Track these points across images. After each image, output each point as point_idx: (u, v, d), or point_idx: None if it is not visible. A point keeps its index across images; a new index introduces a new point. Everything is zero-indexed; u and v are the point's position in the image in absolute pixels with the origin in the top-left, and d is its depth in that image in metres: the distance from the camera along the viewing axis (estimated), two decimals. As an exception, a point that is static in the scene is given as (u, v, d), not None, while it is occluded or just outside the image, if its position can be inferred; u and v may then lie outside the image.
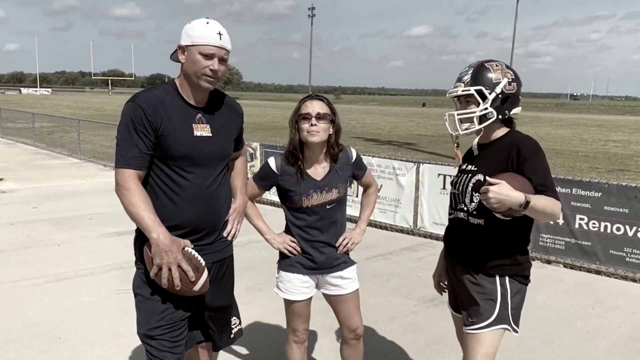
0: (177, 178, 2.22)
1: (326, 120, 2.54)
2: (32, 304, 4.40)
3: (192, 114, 2.25)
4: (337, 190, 2.62)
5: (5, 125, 19.00)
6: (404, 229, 7.11)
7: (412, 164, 7.06)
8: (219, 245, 2.40)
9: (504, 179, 2.04)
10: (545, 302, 4.74)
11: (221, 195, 2.37)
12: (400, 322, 4.29)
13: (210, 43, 2.15)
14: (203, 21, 2.19)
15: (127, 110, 2.16)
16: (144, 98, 2.17)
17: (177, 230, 2.22)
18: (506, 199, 1.98)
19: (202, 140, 2.24)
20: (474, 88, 2.24)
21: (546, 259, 5.94)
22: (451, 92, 2.33)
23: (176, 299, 2.25)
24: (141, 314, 2.29)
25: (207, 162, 2.27)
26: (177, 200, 2.22)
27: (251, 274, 5.21)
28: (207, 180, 2.28)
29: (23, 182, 9.66)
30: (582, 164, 15.20)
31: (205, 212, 2.29)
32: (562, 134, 28.07)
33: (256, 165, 8.85)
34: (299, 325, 2.75)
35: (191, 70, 2.18)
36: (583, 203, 5.60)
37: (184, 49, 2.19)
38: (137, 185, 2.14)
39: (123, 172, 2.14)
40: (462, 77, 2.30)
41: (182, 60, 2.20)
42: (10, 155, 13.88)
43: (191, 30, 2.16)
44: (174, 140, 2.17)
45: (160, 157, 2.19)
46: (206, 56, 2.15)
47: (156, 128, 2.15)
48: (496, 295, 2.28)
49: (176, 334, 2.28)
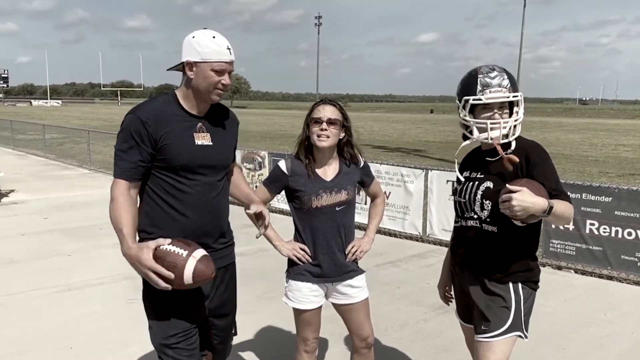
0: (180, 187, 2.23)
1: (337, 126, 2.56)
2: (43, 313, 4.43)
3: (193, 123, 2.26)
4: (347, 192, 2.63)
5: (16, 137, 19.17)
6: (413, 236, 7.09)
7: (421, 170, 7.04)
8: (223, 252, 2.42)
9: (523, 185, 2.00)
10: (556, 308, 4.70)
11: (223, 203, 2.39)
12: (411, 329, 4.27)
13: (222, 60, 2.17)
14: (209, 35, 2.19)
15: (127, 122, 2.17)
16: (144, 110, 2.19)
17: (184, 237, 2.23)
18: (530, 205, 1.95)
19: (203, 149, 2.26)
20: (519, 94, 2.24)
21: (557, 264, 5.90)
22: (496, 97, 2.20)
23: (185, 305, 2.25)
24: (154, 323, 2.30)
25: (209, 171, 2.29)
26: (181, 209, 2.23)
27: (261, 282, 5.21)
28: (209, 188, 2.30)
29: (34, 193, 9.74)
30: (592, 168, 15.09)
31: (208, 221, 2.30)
32: (572, 138, 27.90)
33: (264, 173, 8.86)
34: (309, 335, 2.74)
35: (203, 86, 2.19)
36: (593, 208, 5.57)
37: (192, 64, 2.18)
38: (125, 197, 2.14)
39: (115, 182, 2.17)
40: (500, 82, 2.21)
41: (190, 75, 2.20)
42: (21, 166, 14.00)
43: (199, 46, 2.16)
44: (175, 150, 2.19)
45: (162, 167, 2.21)
46: (218, 72, 2.17)
47: (156, 140, 2.16)
48: (510, 303, 2.26)
49: (191, 342, 2.29)
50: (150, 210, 2.25)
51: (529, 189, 1.98)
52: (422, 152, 19.40)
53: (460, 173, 2.45)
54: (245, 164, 9.31)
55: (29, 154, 17.16)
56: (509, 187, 2.00)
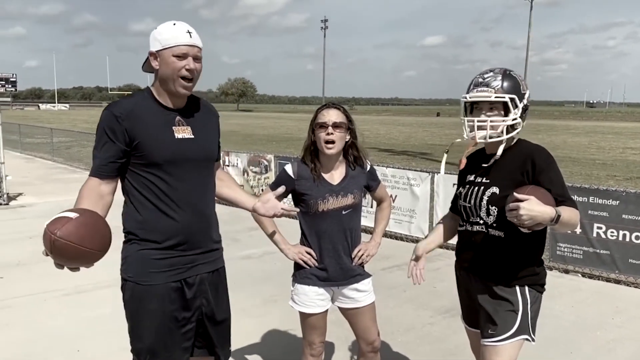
0: (164, 185, 2.17)
1: (342, 129, 2.57)
2: (51, 316, 4.45)
3: (171, 117, 2.21)
4: (353, 196, 2.63)
5: (24, 140, 19.30)
6: (419, 239, 7.04)
7: (427, 174, 7.04)
8: (212, 256, 2.35)
9: (530, 193, 1.99)
10: (563, 312, 4.68)
11: (210, 200, 2.33)
12: (417, 333, 4.27)
13: (181, 43, 2.12)
14: (169, 24, 2.17)
15: (101, 119, 2.15)
16: (119, 105, 2.16)
17: (169, 240, 2.18)
18: (538, 215, 1.93)
19: (184, 142, 2.20)
20: (509, 96, 2.20)
21: (564, 268, 5.87)
22: (478, 96, 2.24)
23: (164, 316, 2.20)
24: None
25: (192, 165, 2.23)
26: (165, 208, 2.17)
27: (267, 285, 5.22)
28: (194, 184, 2.23)
29: (42, 196, 9.80)
30: (600, 171, 15.01)
31: (195, 219, 2.24)
32: (579, 141, 27.78)
33: (271, 177, 8.88)
34: (315, 338, 2.74)
35: (167, 74, 2.14)
36: (601, 211, 5.54)
37: (155, 55, 2.15)
38: (90, 190, 2.12)
39: (87, 179, 2.16)
40: (489, 82, 2.23)
41: (155, 66, 2.17)
42: (29, 169, 14.10)
43: (159, 35, 2.14)
44: (154, 146, 2.14)
45: (144, 164, 2.15)
46: (179, 57, 2.12)
47: (131, 134, 2.11)
48: (517, 306, 2.26)
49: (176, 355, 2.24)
50: (136, 211, 2.18)
51: (536, 197, 1.97)
52: (428, 156, 19.37)
53: (465, 175, 2.45)
54: (251, 167, 9.33)
55: (36, 157, 17.29)
56: (516, 196, 1.97)
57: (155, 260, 2.18)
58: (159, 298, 2.19)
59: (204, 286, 2.31)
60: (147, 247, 2.17)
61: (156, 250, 2.18)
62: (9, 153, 11.72)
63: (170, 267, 2.20)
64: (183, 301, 2.25)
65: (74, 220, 1.86)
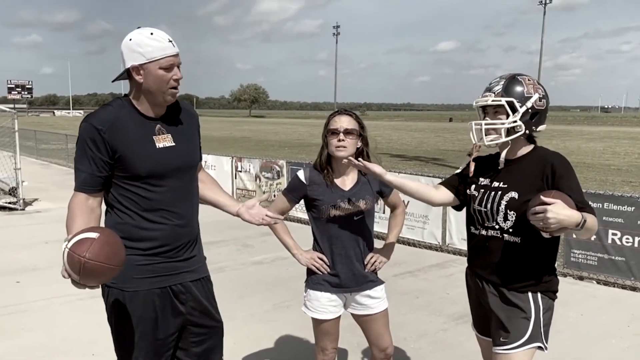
0: (148, 194, 2.14)
1: (354, 135, 2.58)
2: (65, 320, 4.50)
3: (151, 125, 2.16)
4: (365, 202, 2.63)
5: (40, 146, 19.53)
6: (432, 245, 7.05)
7: (439, 179, 7.00)
8: (195, 263, 2.31)
9: (555, 197, 1.97)
10: (578, 319, 4.63)
11: (194, 208, 2.30)
12: (430, 339, 4.25)
13: (167, 54, 2.07)
14: (145, 34, 2.07)
15: (81, 132, 2.09)
16: (98, 117, 2.10)
17: (153, 248, 2.16)
18: (565, 219, 1.92)
19: (165, 151, 2.16)
20: (505, 99, 2.21)
21: (578, 275, 5.81)
22: (479, 101, 2.30)
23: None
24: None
25: (175, 173, 2.19)
26: (151, 216, 2.15)
27: (278, 290, 5.22)
28: (177, 192, 2.20)
29: (57, 202, 9.89)
30: (615, 177, 14.86)
31: (179, 226, 2.21)
32: (593, 147, 27.51)
33: (283, 182, 8.90)
34: (328, 345, 2.74)
35: (155, 88, 2.09)
36: (616, 218, 5.48)
37: (138, 68, 2.07)
38: (80, 207, 2.08)
39: (73, 195, 2.12)
40: (492, 87, 2.27)
41: (139, 80, 2.09)
42: (45, 175, 14.26)
43: (140, 47, 2.05)
44: (137, 157, 2.10)
45: (126, 177, 2.12)
46: (167, 68, 2.07)
47: (113, 147, 2.07)
48: (530, 313, 2.24)
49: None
50: (119, 224, 2.15)
51: (562, 201, 1.96)
52: (440, 161, 19.29)
53: (477, 178, 2.43)
54: (263, 173, 9.36)
55: (52, 163, 17.49)
56: (543, 199, 1.96)
57: (138, 266, 2.15)
58: (143, 304, 2.17)
59: (189, 294, 2.27)
60: (131, 253, 2.10)
61: (140, 256, 2.15)
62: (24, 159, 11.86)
63: (154, 274, 2.18)
64: (168, 308, 2.22)
65: (97, 240, 1.86)
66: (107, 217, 2.22)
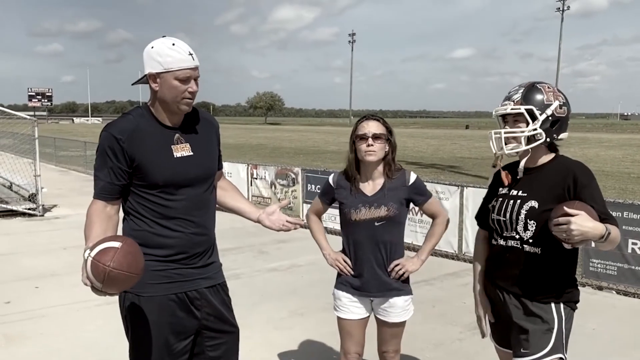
0: (165, 203, 2.16)
1: (382, 140, 2.62)
2: (83, 326, 4.54)
3: (170, 135, 2.18)
4: (387, 209, 2.64)
5: (59, 153, 19.80)
6: (448, 254, 7.00)
7: (456, 187, 6.97)
8: (211, 270, 2.32)
9: (579, 208, 1.94)
10: (597, 330, 4.56)
11: (210, 214, 2.31)
12: (446, 349, 4.21)
13: (185, 67, 2.08)
14: (167, 44, 2.08)
15: (101, 141, 2.13)
16: (118, 126, 2.13)
17: (170, 255, 2.18)
18: (589, 230, 1.89)
19: (183, 161, 2.18)
20: (525, 107, 2.19)
21: (597, 285, 5.73)
22: (499, 110, 2.28)
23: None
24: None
25: (192, 182, 2.20)
26: (168, 224, 2.17)
27: (294, 298, 5.22)
28: (194, 201, 2.22)
29: (75, 208, 10.01)
30: (634, 186, 14.63)
31: (196, 234, 2.23)
32: (612, 154, 27.14)
33: (298, 189, 8.92)
34: (351, 347, 2.78)
35: (169, 97, 2.11)
36: (636, 227, 5.40)
37: (155, 76, 2.10)
38: (99, 215, 2.13)
39: (92, 202, 2.16)
40: (511, 95, 2.25)
41: (155, 88, 2.12)
42: (63, 182, 14.45)
43: (159, 56, 2.07)
44: (154, 167, 2.12)
45: (143, 186, 2.14)
46: (183, 80, 2.09)
47: (132, 155, 2.10)
48: (553, 324, 2.21)
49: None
50: (136, 231, 2.18)
51: (586, 213, 1.92)
52: (457, 169, 19.17)
53: (496, 187, 2.42)
54: (279, 180, 9.39)
55: (70, 170, 17.72)
56: (567, 210, 1.92)
57: (154, 272, 2.16)
58: (158, 310, 2.19)
59: (204, 300, 2.28)
60: (147, 259, 2.10)
61: (156, 262, 2.17)
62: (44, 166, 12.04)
63: (170, 280, 2.20)
64: (183, 313, 2.23)
65: (120, 249, 1.89)
66: (125, 224, 2.25)
